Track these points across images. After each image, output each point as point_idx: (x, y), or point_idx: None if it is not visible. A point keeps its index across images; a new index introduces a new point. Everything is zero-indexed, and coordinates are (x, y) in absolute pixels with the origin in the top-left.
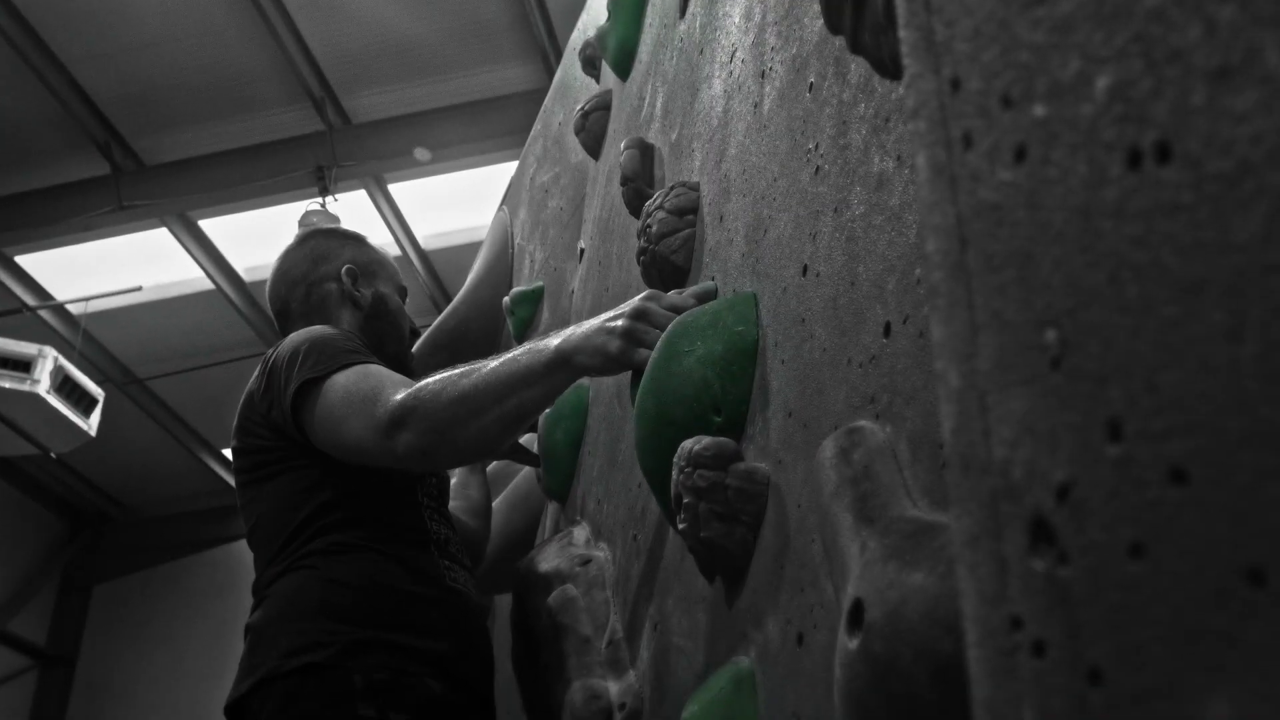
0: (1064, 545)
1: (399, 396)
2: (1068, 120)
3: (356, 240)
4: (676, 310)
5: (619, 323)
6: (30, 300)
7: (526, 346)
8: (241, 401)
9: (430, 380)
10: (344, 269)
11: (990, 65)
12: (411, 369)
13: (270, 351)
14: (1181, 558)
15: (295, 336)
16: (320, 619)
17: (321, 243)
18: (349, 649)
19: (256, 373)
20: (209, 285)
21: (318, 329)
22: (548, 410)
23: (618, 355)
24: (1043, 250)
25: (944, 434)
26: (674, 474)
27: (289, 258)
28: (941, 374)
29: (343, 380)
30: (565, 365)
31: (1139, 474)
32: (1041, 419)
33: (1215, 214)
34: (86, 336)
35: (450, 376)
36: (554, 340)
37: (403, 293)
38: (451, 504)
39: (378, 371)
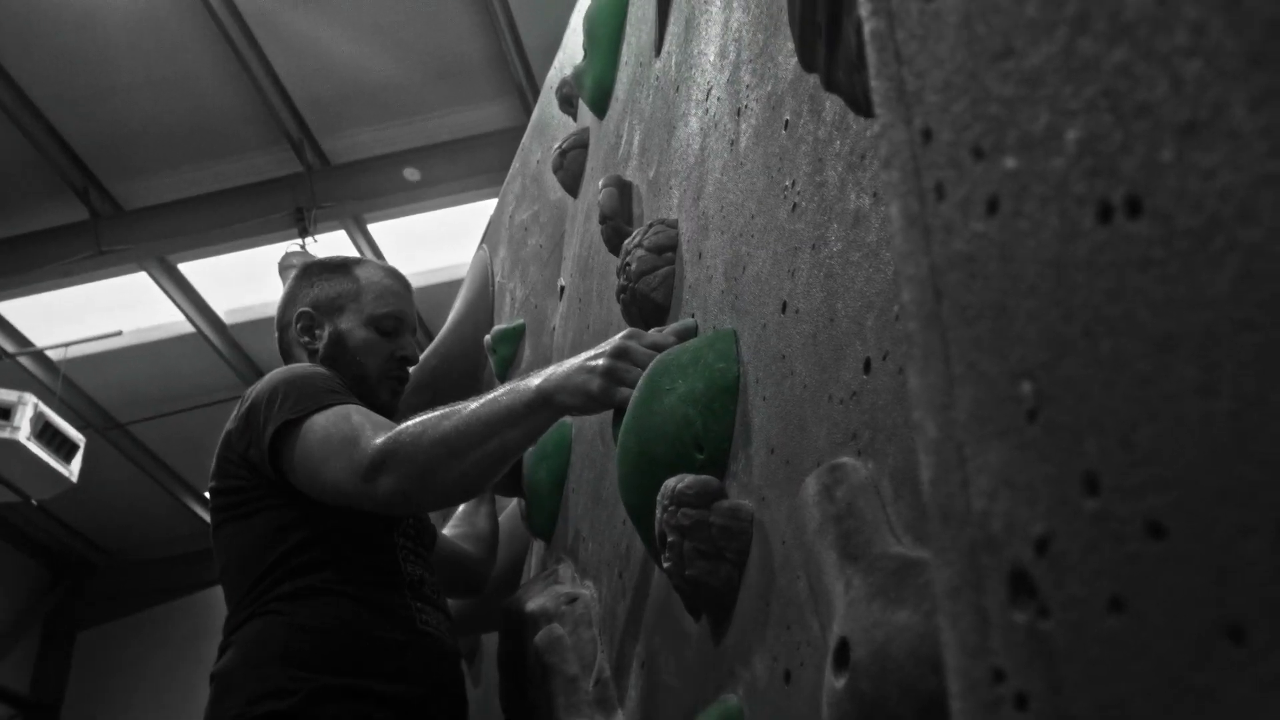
0: (1044, 598)
1: (379, 440)
2: (1038, 173)
3: (332, 271)
4: (657, 348)
5: (600, 362)
6: (9, 347)
7: (508, 387)
8: (220, 441)
9: (410, 423)
10: (298, 313)
11: (961, 117)
12: (384, 405)
13: (250, 390)
14: (1161, 613)
15: (275, 375)
16: (285, 665)
17: (293, 285)
18: (313, 696)
19: (235, 412)
20: (189, 329)
21: (298, 367)
22: (531, 449)
23: (599, 394)
24: (1016, 303)
25: (923, 484)
26: (658, 512)
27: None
28: (919, 424)
29: (322, 422)
30: (547, 405)
31: (1117, 528)
32: (1019, 471)
33: (1186, 269)
34: (66, 382)
35: (430, 419)
36: (535, 380)
37: (387, 321)
38: (455, 530)
39: (358, 414)
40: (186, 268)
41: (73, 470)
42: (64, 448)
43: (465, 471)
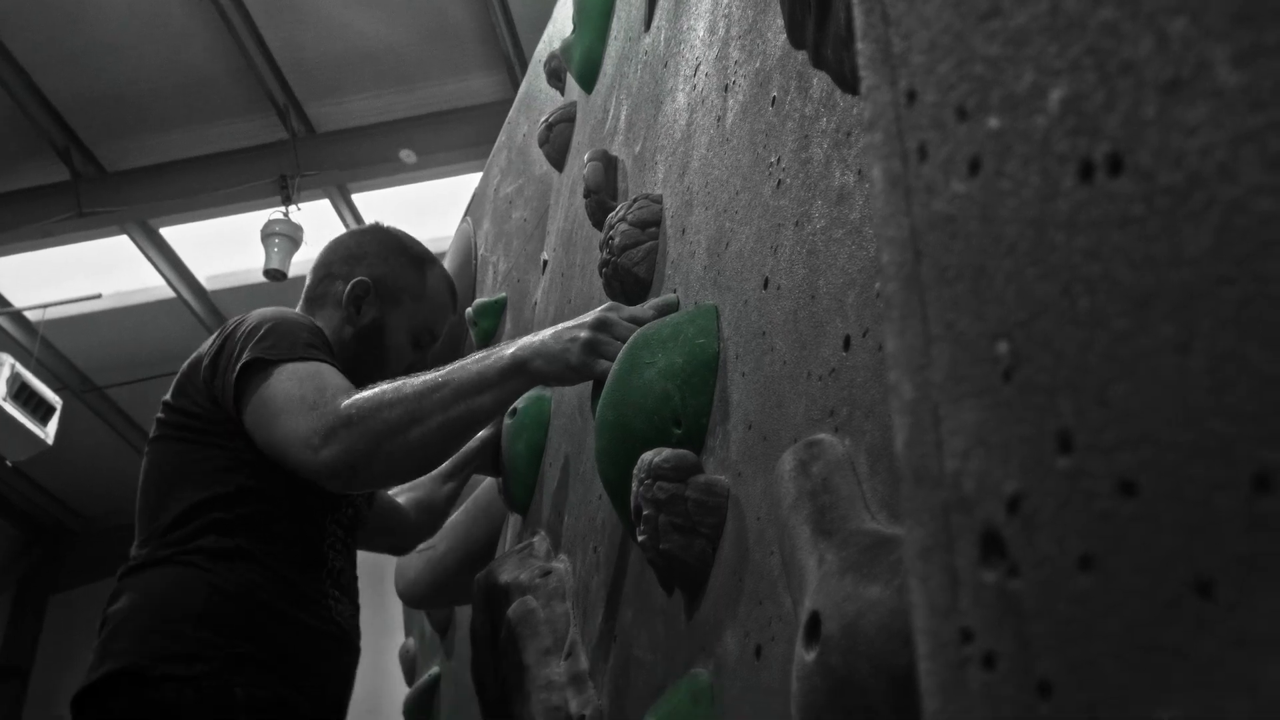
0: (1015, 557)
1: (339, 404)
2: (1021, 132)
3: (408, 258)
4: (637, 322)
5: (581, 333)
6: None
7: (480, 354)
8: (187, 363)
9: (373, 388)
10: (357, 280)
11: (946, 78)
12: None
13: (231, 321)
14: (1131, 570)
15: (263, 312)
16: (199, 627)
17: (368, 243)
18: (229, 663)
19: (211, 339)
20: (170, 293)
21: (289, 312)
22: (509, 422)
23: (578, 365)
24: (996, 263)
25: (897, 445)
26: (634, 486)
27: (335, 241)
28: (895, 385)
29: (292, 372)
30: (520, 371)
31: (1089, 486)
32: (993, 431)
33: (1166, 226)
34: (44, 344)
35: (394, 384)
36: (509, 348)
37: (424, 335)
38: (411, 493)
39: (332, 375)
40: (168, 232)
41: (49, 432)
42: (40, 409)
43: (426, 439)
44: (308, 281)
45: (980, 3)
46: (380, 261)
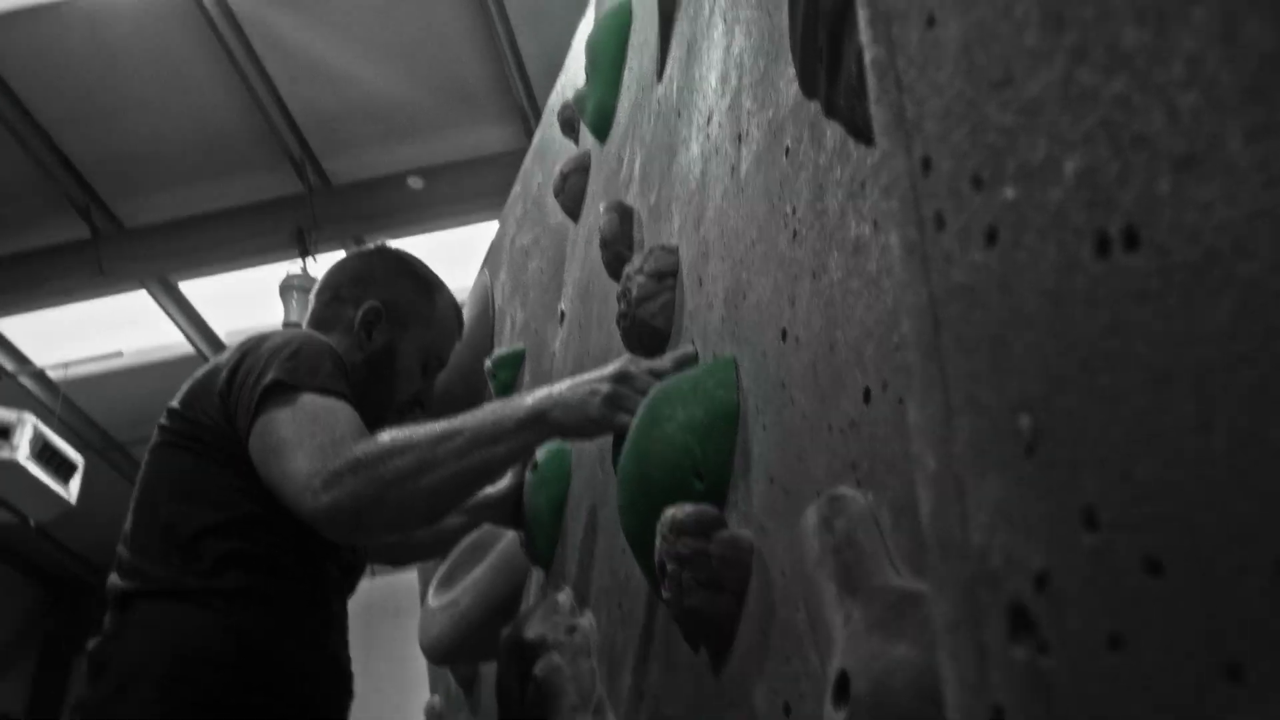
0: (1044, 634)
1: (353, 450)
2: (1037, 204)
3: (418, 283)
4: (657, 375)
5: (602, 387)
6: (9, 365)
7: (498, 403)
8: (202, 371)
9: (383, 435)
10: (369, 305)
11: (960, 145)
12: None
13: (255, 337)
14: (1160, 650)
15: (289, 332)
16: (220, 675)
17: (376, 265)
18: (249, 712)
19: (231, 351)
20: (189, 349)
21: (315, 335)
22: (530, 475)
23: (598, 418)
24: (1015, 335)
25: (922, 517)
26: (657, 541)
27: (341, 263)
28: (918, 456)
29: (308, 404)
30: (539, 422)
31: (1115, 564)
32: (1018, 506)
33: (1183, 303)
34: (66, 402)
35: (405, 430)
36: (527, 398)
37: (432, 361)
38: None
39: (345, 416)
40: (187, 287)
41: (71, 491)
42: (63, 468)
43: (436, 488)
44: (313, 305)
45: (992, 71)
46: (389, 285)
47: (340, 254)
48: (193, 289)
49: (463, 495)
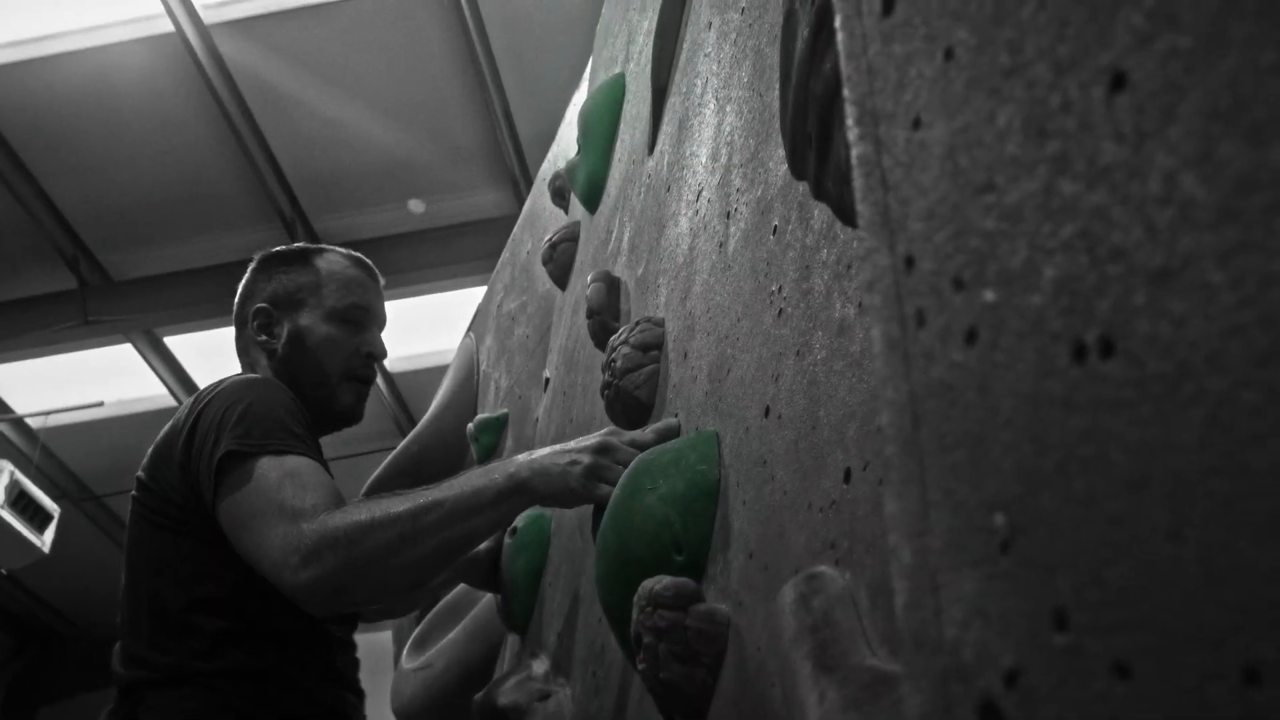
0: None
1: (321, 523)
2: (1016, 308)
3: (290, 262)
4: (639, 447)
5: (584, 458)
6: None
7: (477, 471)
8: (162, 435)
9: (360, 506)
10: (254, 309)
11: (943, 247)
12: (345, 409)
13: (205, 393)
14: None
15: (234, 384)
16: None
17: (250, 279)
18: None
19: (184, 408)
20: (172, 402)
21: (259, 383)
22: (509, 540)
23: (580, 489)
24: (993, 434)
25: (897, 608)
26: (634, 613)
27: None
28: (894, 548)
29: (268, 469)
30: (520, 492)
31: (1085, 665)
32: (991, 602)
33: (1157, 413)
34: (45, 451)
35: (384, 502)
36: (508, 467)
37: (351, 312)
38: None
39: (310, 475)
40: (172, 341)
41: (45, 541)
42: (38, 517)
43: (419, 561)
44: (236, 348)
45: (975, 176)
46: (265, 283)
47: None
48: (177, 342)
49: (443, 566)
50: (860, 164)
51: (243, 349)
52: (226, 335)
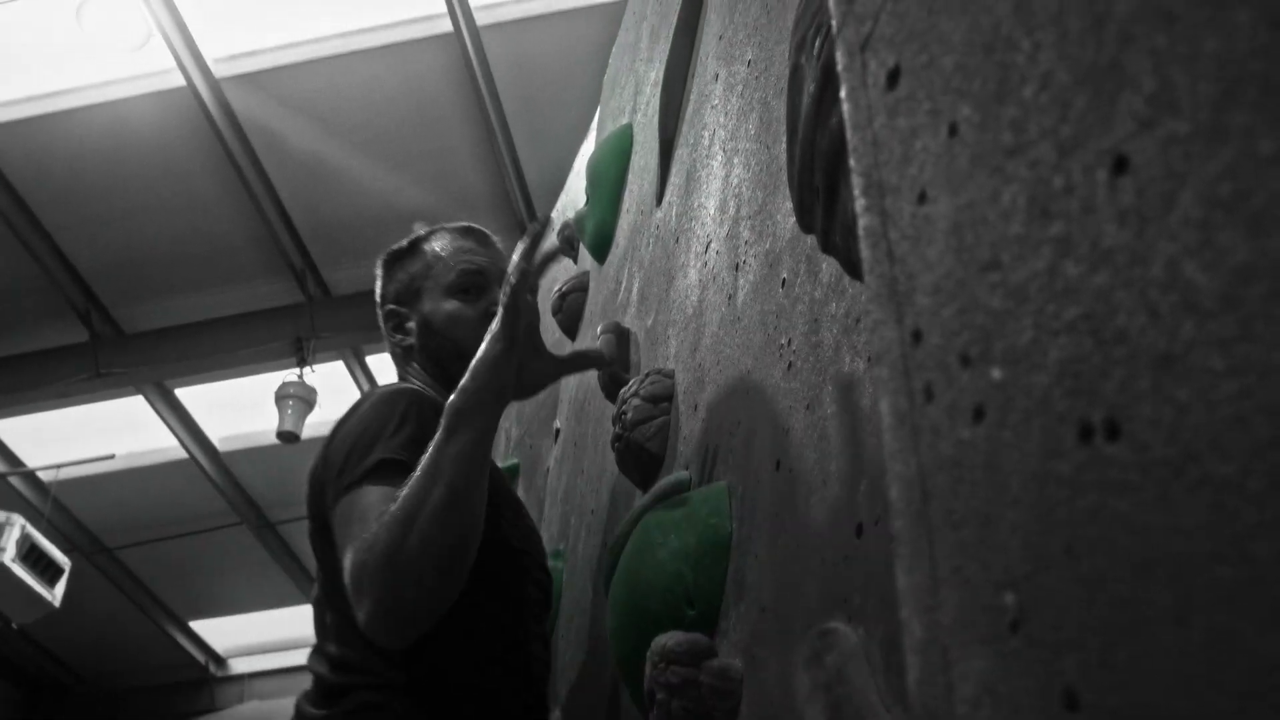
0: None
1: (352, 557)
2: (1023, 387)
3: (402, 256)
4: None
5: (494, 326)
6: (0, 466)
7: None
8: (323, 451)
9: (375, 517)
10: (385, 314)
11: (950, 323)
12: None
13: (343, 420)
14: None
15: (362, 403)
16: None
17: (379, 286)
18: None
19: (333, 427)
20: (183, 454)
21: (379, 399)
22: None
23: (500, 337)
24: (1001, 512)
25: (909, 683)
26: (647, 668)
27: None
28: (906, 622)
29: (347, 509)
30: (460, 415)
31: None
32: (1001, 681)
33: (1161, 497)
34: (56, 504)
35: (386, 511)
36: (447, 413)
37: (465, 280)
38: None
39: (369, 506)
40: (183, 393)
41: (56, 594)
42: (49, 571)
43: (427, 537)
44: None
45: (981, 253)
46: (388, 284)
47: (338, 364)
48: (188, 394)
49: (457, 539)
50: (867, 235)
51: (392, 355)
52: (236, 386)
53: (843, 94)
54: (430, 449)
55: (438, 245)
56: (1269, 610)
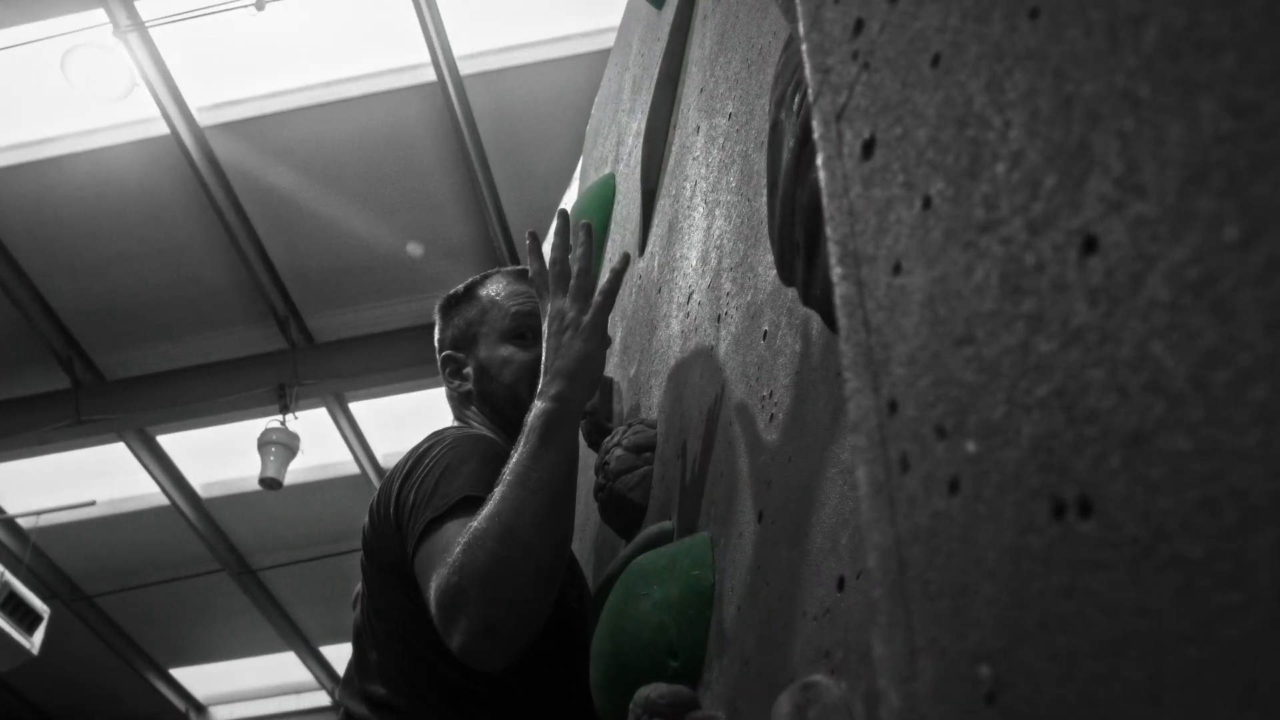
0: None
1: (440, 578)
2: (996, 461)
3: (458, 302)
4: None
5: (574, 342)
6: None
7: (517, 448)
8: (395, 486)
9: (460, 540)
10: (442, 360)
11: (925, 394)
12: None
13: (405, 462)
14: None
15: (434, 449)
16: None
17: (436, 333)
18: None
19: (400, 465)
20: (164, 501)
21: (458, 438)
22: None
23: (592, 352)
24: (977, 584)
25: None
26: None
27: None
28: (883, 693)
29: (446, 533)
30: (561, 417)
31: None
32: None
33: (1132, 576)
34: (35, 551)
35: (469, 528)
36: (533, 417)
37: (521, 325)
38: None
39: (448, 540)
40: (165, 439)
41: (34, 642)
42: (27, 619)
43: (530, 548)
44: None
45: (955, 326)
46: (445, 330)
47: (321, 411)
48: (170, 440)
49: (554, 538)
50: (843, 304)
51: (449, 399)
52: (218, 434)
53: (819, 161)
54: (515, 462)
55: (493, 290)
56: (1239, 691)
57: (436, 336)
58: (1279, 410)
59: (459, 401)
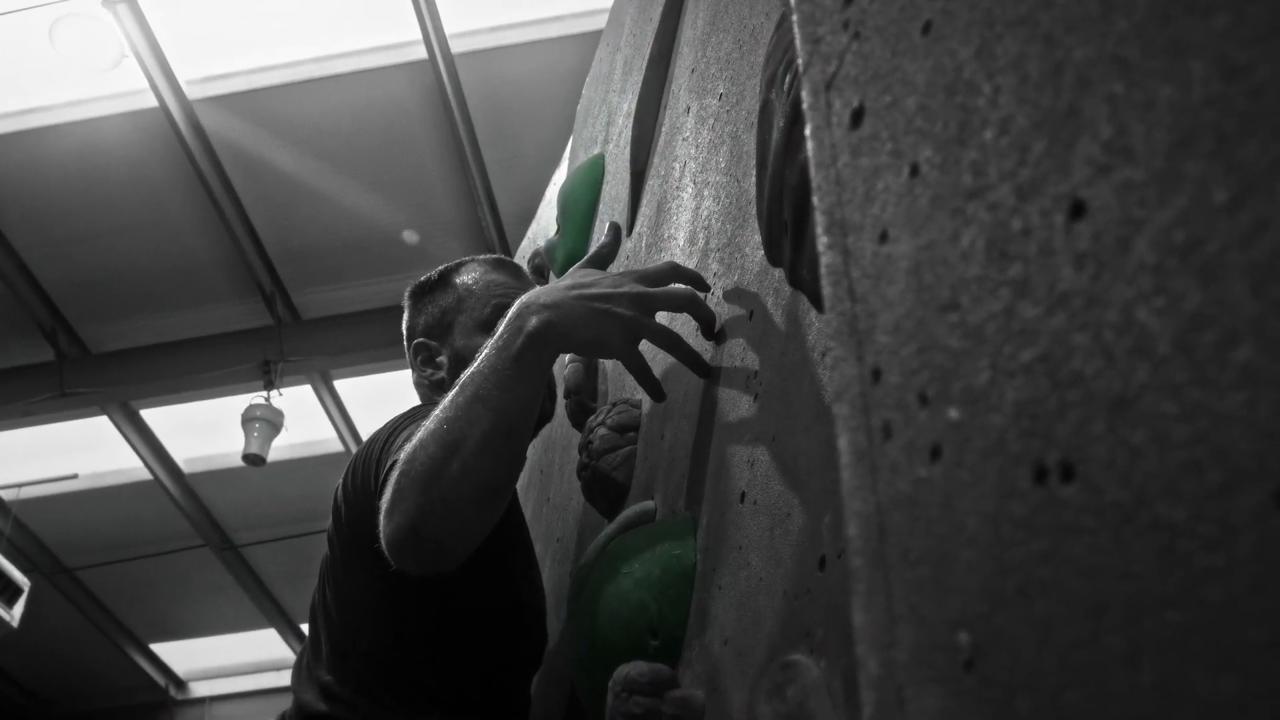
0: None
1: (395, 471)
2: (979, 427)
3: (432, 289)
4: (668, 296)
5: (622, 310)
6: None
7: (483, 351)
8: (370, 448)
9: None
10: (413, 347)
11: (909, 361)
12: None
13: (409, 411)
14: None
15: (419, 416)
16: None
17: (406, 319)
18: None
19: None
20: (146, 475)
21: (415, 408)
22: None
23: (620, 347)
24: (956, 551)
25: None
26: (609, 698)
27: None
28: (862, 659)
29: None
30: (544, 343)
31: None
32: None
33: (1114, 540)
34: (16, 523)
35: (420, 425)
36: (517, 322)
37: (496, 316)
38: None
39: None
40: (149, 414)
41: (14, 615)
42: (7, 591)
43: (470, 469)
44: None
45: (940, 293)
46: (417, 317)
47: (306, 388)
48: (154, 415)
49: (504, 465)
50: (829, 273)
51: (418, 387)
52: (201, 409)
53: (807, 131)
54: (483, 361)
55: (469, 278)
56: (1219, 654)
57: (406, 323)
58: (1263, 371)
59: (430, 390)
